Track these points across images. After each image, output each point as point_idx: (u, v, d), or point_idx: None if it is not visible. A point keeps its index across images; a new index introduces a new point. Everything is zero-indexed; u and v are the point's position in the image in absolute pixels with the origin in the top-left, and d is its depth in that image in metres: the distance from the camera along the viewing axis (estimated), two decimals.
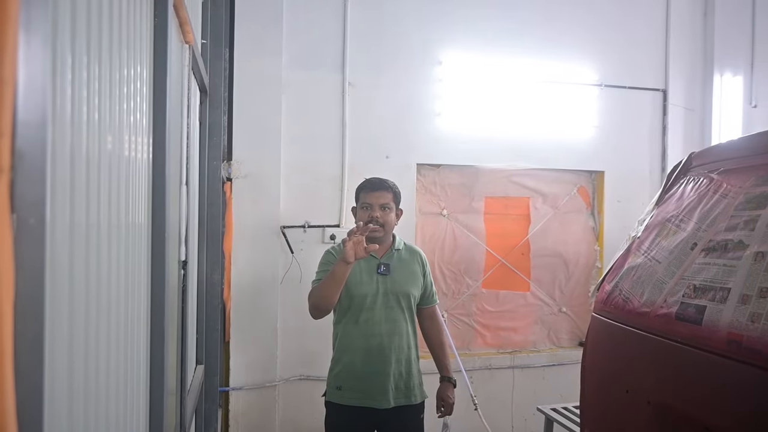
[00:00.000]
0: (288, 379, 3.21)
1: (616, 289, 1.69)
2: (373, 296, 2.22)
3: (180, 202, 1.51)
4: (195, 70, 1.81)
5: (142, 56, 1.04)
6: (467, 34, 3.43)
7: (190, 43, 1.49)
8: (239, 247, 3.11)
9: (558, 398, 3.32)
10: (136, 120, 1.00)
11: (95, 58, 0.80)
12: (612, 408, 1.62)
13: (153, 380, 1.11)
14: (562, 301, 3.72)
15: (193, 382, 1.96)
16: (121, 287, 0.92)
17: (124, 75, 0.91)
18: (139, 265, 1.04)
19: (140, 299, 1.06)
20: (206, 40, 2.10)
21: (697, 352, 1.31)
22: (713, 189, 1.52)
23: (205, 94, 2.11)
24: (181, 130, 1.51)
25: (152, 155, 1.11)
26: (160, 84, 1.11)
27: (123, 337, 0.96)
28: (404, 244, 2.39)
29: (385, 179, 2.33)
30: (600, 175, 3.70)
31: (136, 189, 1.02)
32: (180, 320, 1.56)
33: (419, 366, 2.34)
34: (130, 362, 0.99)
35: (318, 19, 3.23)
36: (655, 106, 3.72)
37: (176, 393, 1.53)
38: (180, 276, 1.53)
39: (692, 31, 3.75)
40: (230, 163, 3.08)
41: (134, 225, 1.01)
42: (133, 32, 0.97)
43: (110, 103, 0.86)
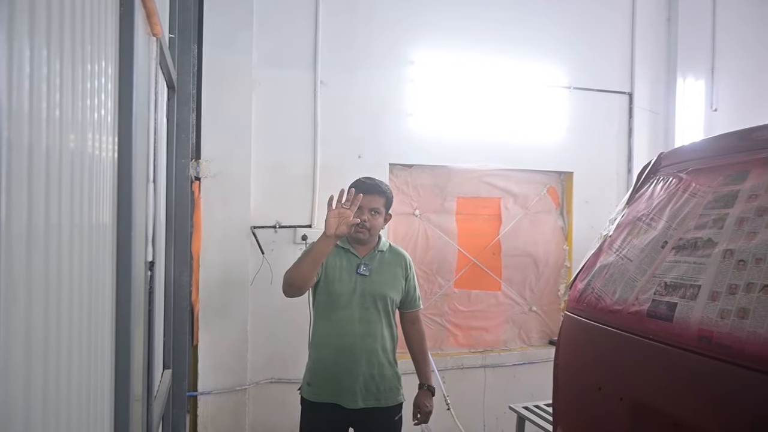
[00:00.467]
0: (259, 382, 3.15)
1: (589, 288, 1.70)
2: (349, 295, 2.19)
3: (147, 201, 1.46)
4: (162, 64, 1.76)
5: (107, 49, 0.99)
6: (440, 35, 3.43)
7: (157, 35, 1.43)
8: (208, 248, 3.03)
9: (529, 396, 3.35)
10: (100, 116, 0.95)
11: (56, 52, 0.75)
12: (584, 405, 1.64)
13: (118, 386, 1.06)
14: (532, 300, 3.76)
15: (160, 387, 1.89)
16: (84, 289, 0.87)
17: (88, 70, 0.86)
18: (104, 266, 0.99)
19: (105, 301, 1.01)
20: (174, 34, 2.04)
21: (669, 348, 1.33)
22: (683, 188, 1.54)
23: (172, 90, 2.05)
24: (148, 127, 1.45)
25: (118, 153, 1.06)
26: (127, 78, 1.06)
27: (86, 341, 0.91)
28: (389, 246, 2.36)
29: (380, 182, 2.29)
30: (569, 175, 3.76)
31: (101, 188, 0.97)
32: (147, 323, 1.51)
33: (396, 370, 2.30)
34: (94, 367, 0.94)
35: (289, 16, 3.19)
36: (622, 109, 3.81)
37: (142, 399, 1.47)
38: (147, 277, 1.48)
39: (656, 36, 3.85)
40: (199, 162, 3.01)
41: (98, 225, 0.97)
42: (97, 24, 0.92)
43: (72, 98, 0.81)
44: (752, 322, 1.15)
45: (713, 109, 3.80)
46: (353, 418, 2.20)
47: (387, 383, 2.23)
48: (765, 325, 1.12)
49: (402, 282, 2.30)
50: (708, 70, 3.82)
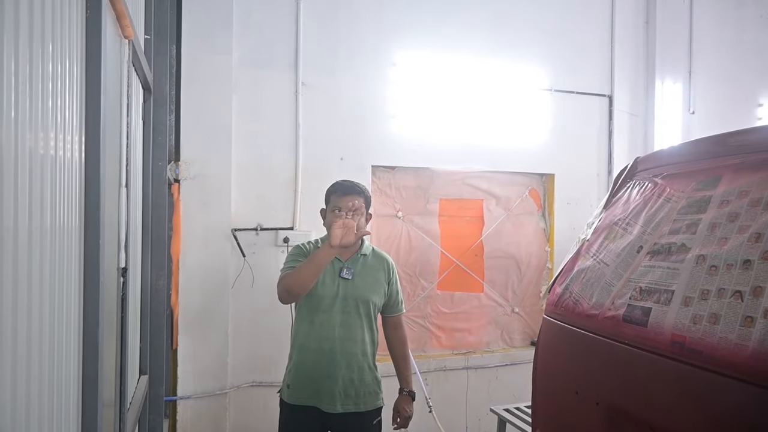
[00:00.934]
0: (239, 386, 3.12)
1: (567, 292, 1.71)
2: (331, 299, 2.18)
3: (119, 206, 1.43)
4: (137, 66, 1.73)
5: (72, 51, 0.97)
6: (422, 36, 3.43)
7: (129, 37, 1.41)
8: (188, 251, 3.00)
9: (511, 398, 3.36)
10: (64, 118, 0.93)
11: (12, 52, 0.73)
12: (562, 409, 1.64)
13: (85, 393, 1.04)
14: (514, 302, 3.77)
15: (135, 393, 1.86)
16: (47, 294, 0.85)
17: (49, 70, 0.84)
18: (69, 271, 0.97)
19: (70, 308, 0.98)
20: (150, 36, 2.00)
21: (643, 353, 1.33)
22: (657, 193, 1.56)
23: (148, 91, 2.01)
24: (120, 129, 1.42)
25: (84, 155, 1.04)
26: (93, 80, 1.03)
27: (49, 347, 0.89)
28: (372, 250, 2.35)
29: (357, 183, 2.29)
30: (550, 177, 3.78)
31: (66, 191, 0.95)
32: (120, 329, 1.48)
33: (376, 374, 2.29)
34: (58, 373, 0.92)
35: (270, 17, 3.16)
36: (602, 111, 3.84)
37: (115, 404, 1.44)
38: (119, 283, 1.45)
39: (635, 39, 3.89)
40: (178, 164, 2.97)
41: (63, 229, 0.94)
42: (60, 26, 0.89)
43: (33, 99, 0.79)
44: (723, 327, 1.16)
45: (691, 111, 3.85)
46: (332, 422, 2.19)
47: (366, 388, 2.22)
48: (735, 331, 1.13)
49: (385, 286, 2.30)
50: (686, 72, 3.87)
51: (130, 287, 1.67)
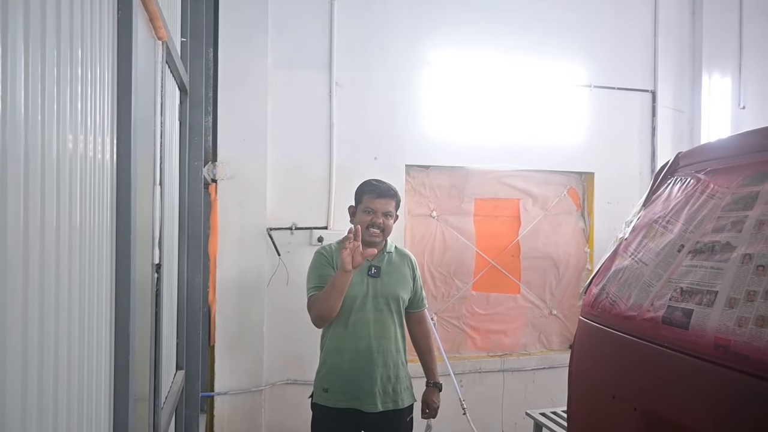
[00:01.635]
0: (275, 383, 3.16)
1: (603, 292, 1.65)
2: (363, 298, 2.19)
3: (153, 204, 1.47)
4: (172, 67, 1.77)
5: (104, 52, 0.99)
6: (456, 35, 3.40)
7: (162, 38, 1.44)
8: (225, 250, 3.06)
9: (548, 402, 3.29)
10: (95, 119, 0.95)
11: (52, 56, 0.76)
12: (598, 414, 1.59)
13: (117, 386, 1.06)
14: (552, 304, 3.69)
15: (171, 388, 1.91)
16: (80, 289, 0.87)
17: (79, 74, 0.86)
18: (101, 268, 0.99)
19: (102, 303, 1.01)
20: (186, 38, 2.05)
21: (684, 357, 1.27)
22: (700, 189, 1.48)
23: (184, 93, 2.06)
24: (154, 129, 1.46)
25: (116, 154, 1.06)
26: (125, 80, 1.06)
27: (78, 341, 0.91)
28: (395, 248, 2.37)
29: (391, 185, 2.30)
30: (590, 176, 3.68)
31: (97, 190, 0.97)
32: (153, 324, 1.51)
33: (407, 370, 2.31)
34: (89, 368, 0.94)
35: (304, 19, 3.19)
36: (644, 108, 3.71)
37: (149, 399, 1.48)
38: (153, 279, 1.48)
39: (680, 32, 3.74)
40: (215, 165, 3.03)
41: (95, 226, 0.97)
42: (89, 28, 0.92)
43: (69, 102, 0.82)
44: None
45: (741, 106, 3.67)
46: (369, 422, 2.19)
47: (402, 384, 2.24)
48: None
49: (410, 282, 2.32)
50: (735, 66, 3.69)
51: (165, 284, 1.71)
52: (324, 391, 2.21)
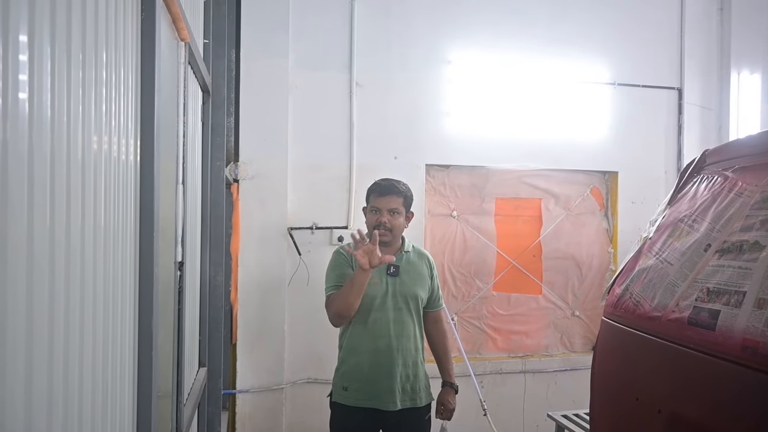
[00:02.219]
0: (295, 381, 3.18)
1: (627, 293, 1.62)
2: (382, 297, 2.20)
3: (176, 202, 1.49)
4: (195, 69, 1.79)
5: (128, 53, 1.01)
6: (477, 33, 3.38)
7: (185, 40, 1.46)
8: (246, 249, 3.09)
9: (571, 404, 3.24)
10: (120, 120, 0.97)
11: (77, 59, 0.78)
12: (622, 416, 1.56)
13: (140, 382, 1.08)
14: (575, 305, 3.64)
15: (194, 384, 1.93)
16: (100, 287, 0.89)
17: (103, 77, 0.88)
18: (125, 265, 1.01)
19: (126, 300, 1.03)
20: (208, 40, 2.08)
21: (710, 358, 1.24)
22: (728, 187, 1.45)
23: (207, 94, 2.09)
24: (177, 130, 1.48)
25: (140, 155, 1.08)
26: (148, 81, 1.08)
27: (107, 338, 0.93)
28: (413, 247, 2.37)
29: (397, 182, 2.29)
30: (613, 175, 3.62)
31: (122, 190, 0.99)
32: (176, 320, 1.54)
33: (425, 369, 2.32)
34: (114, 364, 0.96)
35: (325, 20, 3.21)
36: (670, 105, 3.63)
37: (172, 395, 1.50)
38: (176, 277, 1.51)
39: (708, 28, 3.66)
40: (237, 165, 3.07)
41: (119, 225, 0.99)
42: (114, 28, 0.94)
43: (94, 103, 0.84)
44: None
45: None
46: (389, 420, 2.20)
47: (420, 383, 2.25)
48: None
49: (428, 281, 2.32)
50: (765, 62, 3.59)
51: (188, 282, 1.73)
52: (344, 389, 2.22)
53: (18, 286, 0.62)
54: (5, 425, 0.58)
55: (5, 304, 0.58)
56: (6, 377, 0.59)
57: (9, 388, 0.60)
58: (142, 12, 1.06)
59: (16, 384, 0.61)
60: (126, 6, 1.00)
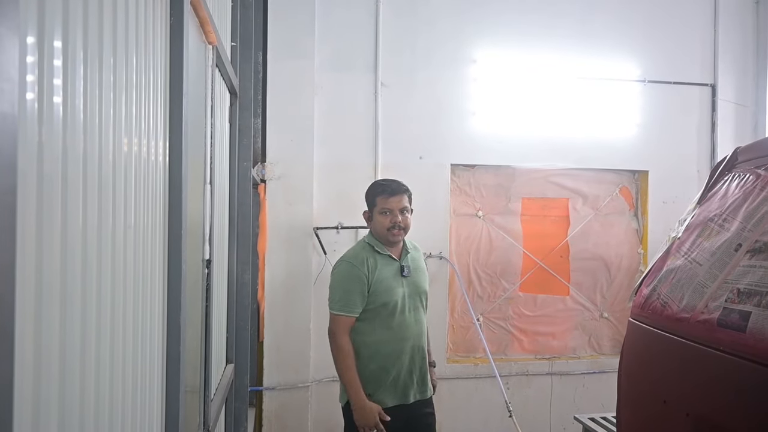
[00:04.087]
0: (321, 380, 3.21)
1: (654, 293, 1.59)
2: (402, 300, 2.24)
3: (204, 202, 1.53)
4: (222, 71, 1.83)
5: (157, 57, 1.05)
6: (502, 32, 3.35)
7: (212, 43, 1.50)
8: (273, 248, 3.13)
9: (599, 407, 3.19)
10: (149, 122, 1.01)
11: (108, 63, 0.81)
12: (648, 419, 1.53)
13: (169, 377, 1.11)
14: (603, 306, 3.57)
15: (221, 380, 1.97)
16: (130, 284, 0.92)
17: (134, 80, 0.91)
18: (154, 263, 1.05)
19: (155, 297, 1.06)
20: (236, 43, 2.12)
21: (741, 361, 1.21)
22: (760, 186, 1.41)
23: (234, 96, 2.13)
24: (205, 130, 1.52)
25: (168, 156, 1.12)
26: (176, 83, 1.11)
27: (137, 334, 0.96)
28: (409, 242, 2.41)
29: (398, 181, 2.32)
30: (644, 174, 3.55)
31: (151, 190, 1.03)
32: (204, 317, 1.57)
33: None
34: (143, 359, 0.99)
35: (350, 21, 3.23)
36: (703, 102, 3.54)
37: (200, 391, 1.54)
38: (204, 274, 1.54)
39: (743, 22, 3.55)
40: (264, 165, 3.12)
41: (149, 224, 1.02)
42: (144, 32, 0.97)
43: (124, 106, 0.87)
44: None
45: None
46: (412, 411, 2.28)
47: (428, 375, 2.34)
48: None
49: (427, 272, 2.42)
50: None
51: (216, 280, 1.77)
52: (369, 395, 2.19)
53: (53, 284, 0.64)
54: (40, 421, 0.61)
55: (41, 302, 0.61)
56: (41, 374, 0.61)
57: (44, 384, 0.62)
58: (170, 16, 1.10)
59: (51, 380, 0.64)
60: (155, 10, 1.03)
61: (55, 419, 0.65)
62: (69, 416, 0.70)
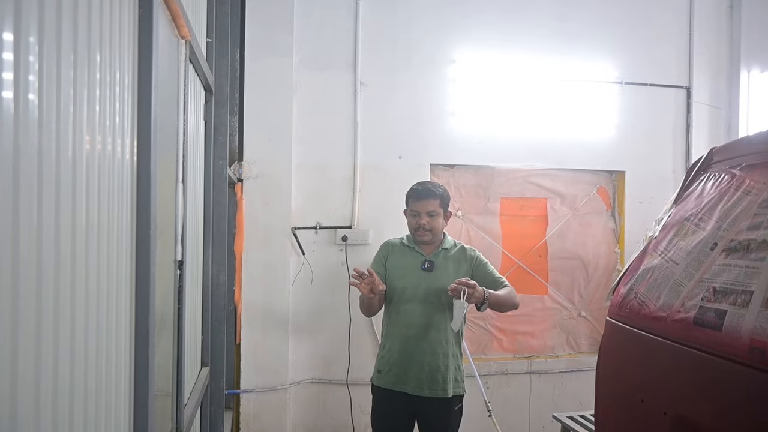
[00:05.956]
0: (300, 381, 3.17)
1: (632, 293, 1.60)
2: (413, 289, 2.37)
3: (176, 201, 1.48)
4: (197, 67, 1.79)
5: (124, 51, 1.01)
6: (482, 32, 3.35)
7: (185, 37, 1.45)
8: (250, 249, 3.08)
9: (577, 405, 3.22)
10: (114, 119, 0.96)
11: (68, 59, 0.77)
12: (626, 418, 1.54)
13: (137, 381, 1.07)
14: (581, 305, 3.60)
15: (196, 384, 1.93)
16: (93, 286, 0.88)
17: (97, 77, 0.87)
18: (120, 264, 1.01)
19: (121, 299, 1.02)
20: (212, 39, 2.08)
21: (717, 360, 1.22)
22: (735, 185, 1.42)
23: (210, 93, 2.09)
24: (177, 128, 1.47)
25: (136, 153, 1.07)
26: (145, 79, 1.07)
27: (101, 337, 0.92)
28: (455, 244, 2.52)
29: (433, 185, 2.47)
30: (621, 175, 3.59)
31: (117, 188, 0.98)
32: (176, 320, 1.53)
33: (459, 362, 2.41)
34: (108, 364, 0.95)
35: (330, 19, 3.20)
36: (679, 104, 3.59)
37: (172, 394, 1.50)
38: (176, 276, 1.50)
39: (717, 25, 3.61)
40: (241, 164, 3.07)
41: (114, 224, 0.98)
42: (110, 25, 0.93)
43: (86, 103, 0.83)
44: None
45: None
46: (418, 406, 2.35)
47: (450, 374, 2.35)
48: None
49: (469, 275, 2.40)
50: None
51: (189, 281, 1.72)
52: (378, 372, 2.42)
53: (3, 287, 0.61)
54: None
55: None
56: None
57: None
58: (139, 8, 1.06)
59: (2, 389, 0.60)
60: (122, 3, 0.99)
61: (6, 430, 0.61)
62: (23, 426, 0.66)
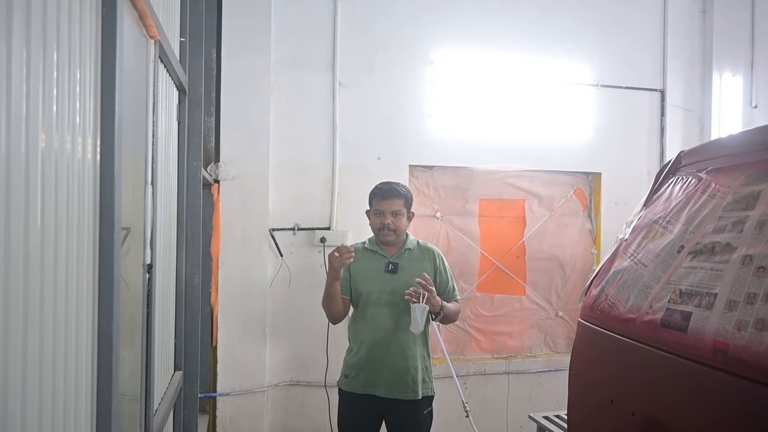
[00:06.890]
0: (277, 384, 3.15)
1: (602, 294, 1.62)
2: (378, 293, 2.35)
3: (145, 203, 1.46)
4: (168, 67, 1.76)
5: (85, 50, 0.98)
6: (460, 34, 3.37)
7: (154, 37, 1.43)
8: (227, 251, 3.05)
9: (555, 405, 3.24)
10: (74, 119, 0.94)
11: (20, 56, 0.74)
12: (596, 418, 1.55)
13: (100, 385, 1.05)
14: (558, 306, 3.64)
15: (168, 389, 1.90)
16: (48, 291, 0.86)
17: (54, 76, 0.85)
18: (80, 267, 0.98)
19: (82, 304, 1.00)
20: (185, 38, 2.05)
21: (682, 361, 1.24)
22: (701, 189, 1.44)
23: (183, 93, 2.06)
24: (146, 129, 1.45)
25: (99, 154, 1.05)
26: (108, 79, 1.05)
27: (58, 344, 0.90)
28: (417, 243, 2.50)
29: (396, 185, 2.45)
30: (597, 176, 3.63)
31: (77, 189, 0.96)
32: (145, 324, 1.50)
33: (428, 363, 2.43)
34: (68, 371, 0.93)
35: (308, 19, 3.18)
36: (653, 107, 3.65)
37: (140, 399, 1.47)
38: (144, 280, 1.48)
39: (690, 30, 3.68)
40: (218, 165, 3.03)
41: (74, 226, 0.96)
42: (69, 23, 0.91)
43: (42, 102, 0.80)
44: None
45: (753, 105, 3.60)
46: (385, 408, 2.35)
47: (419, 375, 2.35)
48: None
49: (432, 275, 2.39)
50: (746, 64, 3.61)
51: (160, 284, 1.70)
52: (345, 377, 2.41)
53: None
54: None
55: None
56: None
57: None
58: (102, 7, 1.03)
59: None
60: (82, 3, 0.97)
61: None
62: None
